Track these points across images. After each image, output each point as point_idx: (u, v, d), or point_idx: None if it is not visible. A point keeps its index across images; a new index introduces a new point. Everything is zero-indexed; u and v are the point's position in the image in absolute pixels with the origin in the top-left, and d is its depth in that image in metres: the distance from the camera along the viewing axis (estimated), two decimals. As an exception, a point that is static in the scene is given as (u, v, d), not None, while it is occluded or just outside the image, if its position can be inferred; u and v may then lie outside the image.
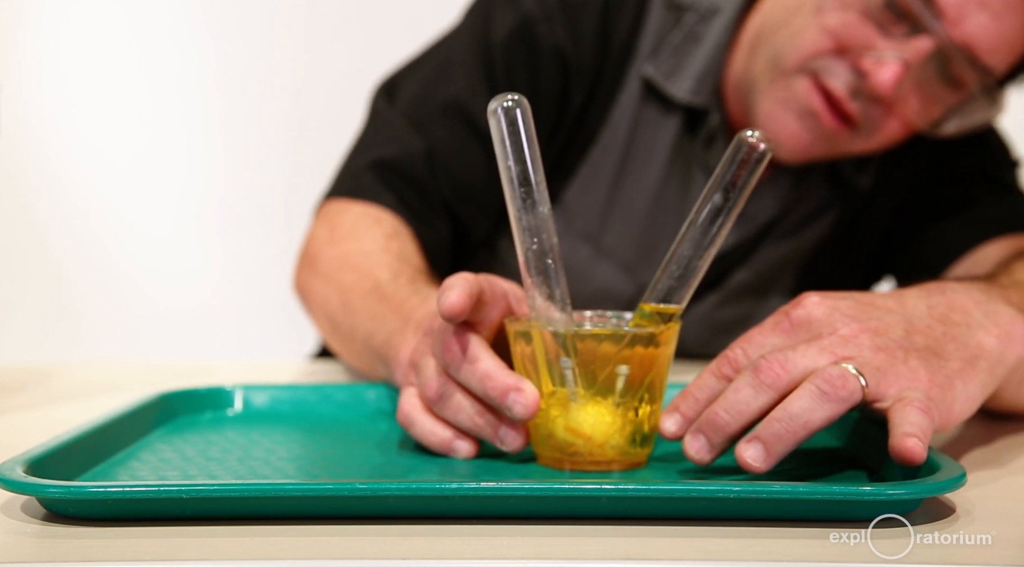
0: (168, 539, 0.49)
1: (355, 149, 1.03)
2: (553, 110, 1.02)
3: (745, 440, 0.56)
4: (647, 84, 1.03)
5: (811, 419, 0.55)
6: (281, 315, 1.05)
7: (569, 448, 0.59)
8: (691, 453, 0.58)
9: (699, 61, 1.03)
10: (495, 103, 0.59)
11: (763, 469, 0.55)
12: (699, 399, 0.60)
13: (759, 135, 0.59)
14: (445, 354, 0.61)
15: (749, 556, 0.47)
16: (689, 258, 0.60)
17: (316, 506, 0.51)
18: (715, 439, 0.58)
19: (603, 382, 0.58)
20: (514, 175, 0.59)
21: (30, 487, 0.51)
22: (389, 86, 1.06)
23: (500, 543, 0.48)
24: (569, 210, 1.05)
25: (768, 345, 0.61)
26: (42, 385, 0.92)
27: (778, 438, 0.55)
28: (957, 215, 1.04)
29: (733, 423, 0.57)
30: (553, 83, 1.02)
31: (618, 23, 1.04)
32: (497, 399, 0.59)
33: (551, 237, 0.59)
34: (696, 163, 1.04)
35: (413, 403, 0.64)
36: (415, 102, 1.02)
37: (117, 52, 2.17)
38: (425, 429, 0.63)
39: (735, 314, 1.09)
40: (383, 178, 0.99)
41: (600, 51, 1.03)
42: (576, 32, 1.02)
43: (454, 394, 0.61)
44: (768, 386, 0.57)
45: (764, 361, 0.58)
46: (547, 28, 1.01)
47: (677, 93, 1.03)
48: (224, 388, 0.76)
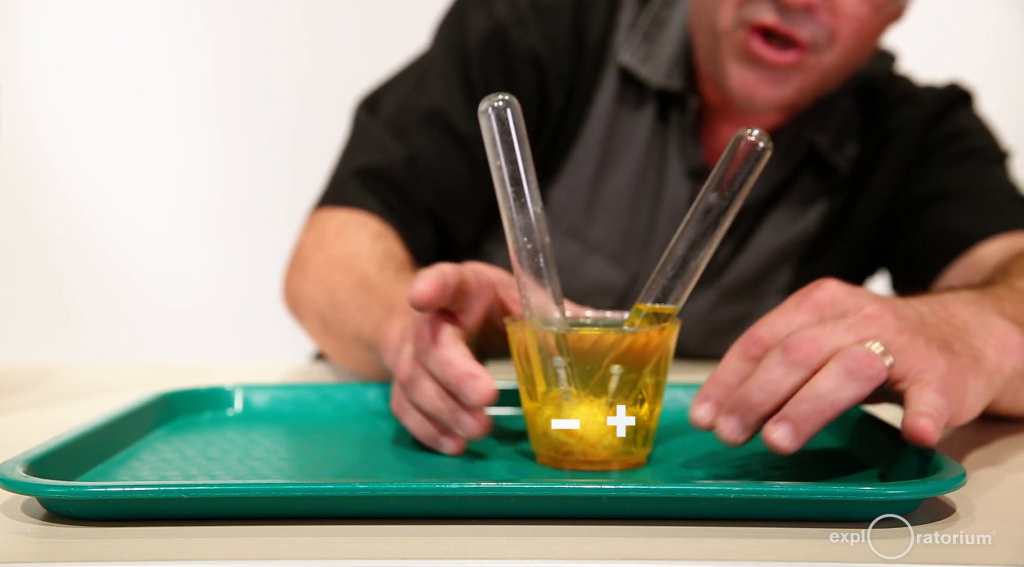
0: (168, 539, 0.49)
1: (340, 160, 1.06)
2: (533, 113, 1.05)
3: (772, 421, 0.55)
4: (624, 73, 1.06)
5: (839, 399, 0.54)
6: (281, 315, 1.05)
7: (562, 447, 0.59)
8: (725, 435, 0.57)
9: (668, 44, 1.06)
10: (485, 103, 0.59)
11: (791, 450, 0.55)
12: (729, 384, 0.59)
13: (758, 133, 0.59)
14: (417, 341, 0.63)
15: (749, 556, 0.47)
16: (685, 257, 0.60)
17: (316, 506, 0.51)
18: (749, 420, 0.57)
19: (597, 382, 0.58)
20: (505, 175, 0.59)
21: (30, 487, 0.51)
22: (371, 100, 1.09)
23: (500, 543, 0.48)
24: (555, 209, 1.08)
25: (794, 324, 0.60)
26: (42, 385, 0.92)
27: (806, 419, 0.54)
28: (953, 211, 1.05)
29: (766, 403, 0.56)
30: (530, 87, 1.04)
31: (591, 23, 1.06)
32: (455, 385, 0.60)
33: (543, 236, 0.59)
34: (672, 148, 1.06)
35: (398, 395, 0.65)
36: (396, 112, 1.05)
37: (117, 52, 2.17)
38: (416, 420, 0.64)
39: (733, 313, 1.09)
40: (367, 185, 1.01)
41: (575, 52, 1.06)
42: (550, 35, 1.05)
43: (421, 379, 0.62)
44: (800, 364, 0.56)
45: (794, 339, 0.57)
46: (520, 33, 1.04)
47: (652, 77, 1.05)
48: (224, 388, 0.76)
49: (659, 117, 1.07)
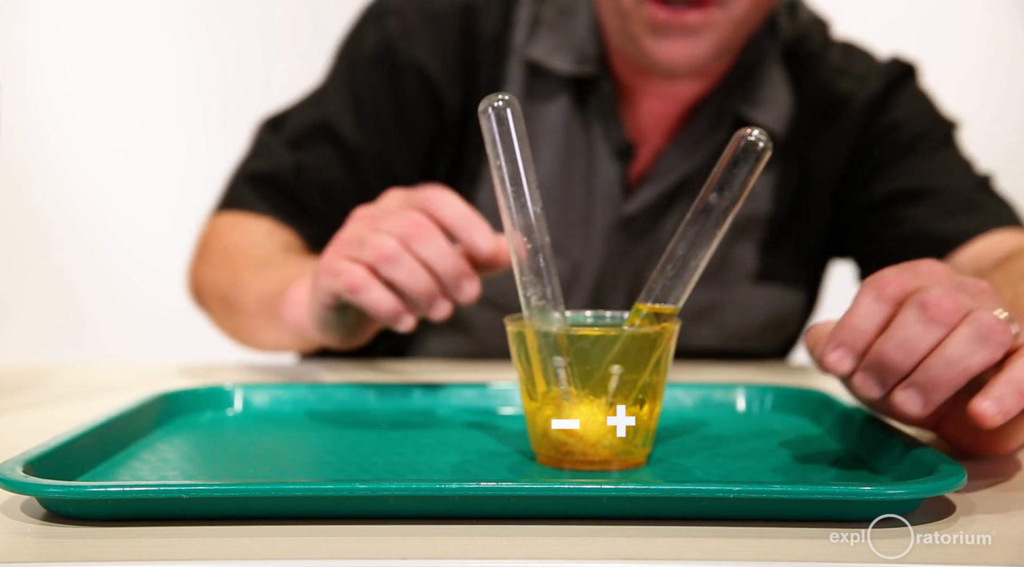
0: (168, 539, 0.49)
1: (234, 170, 1.12)
2: (427, 121, 1.09)
3: (903, 386, 0.55)
4: (531, 68, 1.08)
5: (969, 365, 0.54)
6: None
7: (562, 447, 0.59)
8: (863, 392, 0.57)
9: (576, 32, 1.08)
10: (485, 103, 0.59)
11: (921, 415, 0.54)
12: (866, 329, 0.56)
13: (757, 133, 0.59)
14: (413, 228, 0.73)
15: (749, 556, 0.47)
16: (685, 257, 0.60)
17: (316, 506, 0.51)
18: (886, 379, 0.56)
19: (596, 382, 0.58)
20: (505, 175, 0.59)
21: (30, 487, 0.51)
22: (274, 119, 1.13)
23: (500, 543, 0.48)
24: (485, 211, 1.08)
25: (917, 282, 0.57)
26: (42, 385, 0.92)
27: (936, 385, 0.54)
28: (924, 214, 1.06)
29: (905, 362, 0.55)
30: (419, 98, 1.08)
31: (484, 24, 1.09)
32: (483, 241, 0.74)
33: (543, 236, 0.59)
34: (596, 132, 1.08)
35: (361, 273, 0.73)
36: (291, 127, 1.10)
37: (117, 52, 2.17)
38: (381, 295, 0.71)
39: (701, 302, 1.10)
40: (257, 189, 1.07)
41: (468, 55, 1.09)
42: (437, 43, 1.09)
43: (427, 238, 0.73)
44: (939, 322, 0.54)
45: (931, 296, 0.55)
46: (406, 45, 1.08)
47: (562, 66, 1.07)
48: (224, 388, 0.76)
49: (577, 103, 1.08)
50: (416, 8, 1.10)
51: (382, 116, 1.09)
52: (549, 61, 1.07)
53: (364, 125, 1.08)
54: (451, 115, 1.09)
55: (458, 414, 0.73)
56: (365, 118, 1.08)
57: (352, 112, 1.09)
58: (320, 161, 1.08)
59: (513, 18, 1.10)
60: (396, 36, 1.09)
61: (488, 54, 1.09)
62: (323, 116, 1.09)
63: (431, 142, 1.10)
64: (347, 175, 1.08)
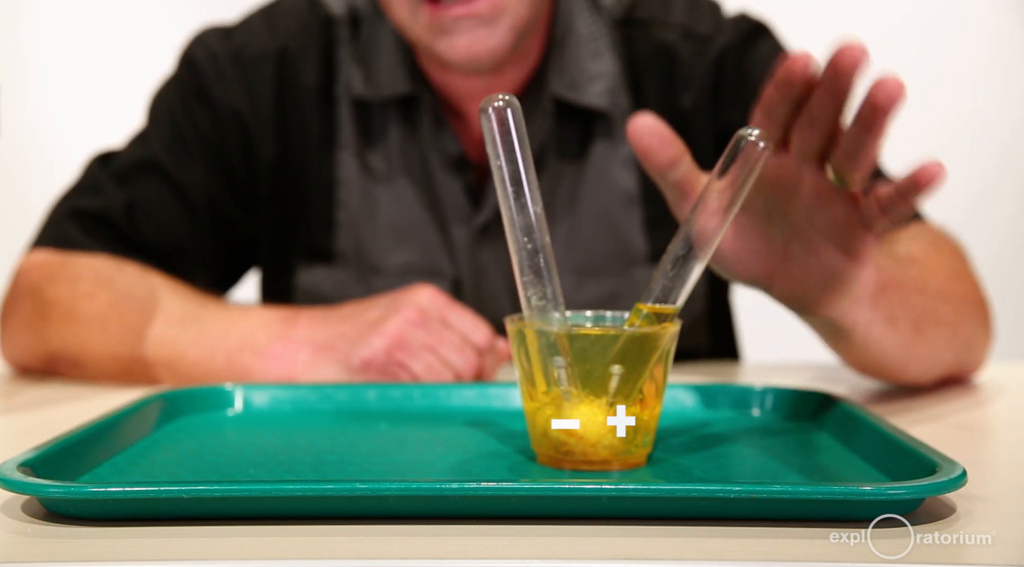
0: (168, 539, 0.49)
1: (56, 202, 1.06)
2: (242, 166, 1.08)
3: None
4: (359, 106, 1.07)
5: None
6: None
7: (563, 447, 0.59)
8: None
9: (386, 56, 1.07)
10: (486, 102, 0.59)
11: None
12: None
13: (757, 133, 0.59)
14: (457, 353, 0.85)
15: (749, 556, 0.47)
16: (686, 257, 0.60)
17: (316, 506, 0.51)
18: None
19: (596, 382, 0.58)
20: (506, 175, 0.59)
21: (30, 487, 0.51)
22: (105, 155, 1.09)
23: (500, 543, 0.48)
24: (347, 256, 1.09)
25: None
26: (42, 385, 0.92)
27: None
28: None
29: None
30: (238, 138, 1.07)
31: (304, 71, 1.08)
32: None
33: (543, 236, 0.59)
34: (429, 149, 1.07)
35: (407, 377, 0.84)
36: (118, 164, 1.07)
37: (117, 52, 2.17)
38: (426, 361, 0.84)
39: (599, 292, 1.08)
40: (85, 227, 1.02)
41: (284, 105, 1.08)
42: (250, 91, 1.08)
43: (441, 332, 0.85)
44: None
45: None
46: (221, 89, 1.07)
47: (382, 92, 1.06)
48: (224, 388, 0.76)
49: (409, 126, 1.07)
50: (230, 53, 1.09)
51: (206, 153, 1.07)
52: (366, 91, 1.06)
53: (189, 162, 1.06)
54: (265, 164, 1.08)
55: (458, 414, 0.73)
56: (190, 156, 1.06)
57: (180, 152, 1.06)
58: (152, 198, 1.05)
59: (334, 62, 1.09)
60: (211, 80, 1.08)
61: (312, 104, 1.08)
62: (149, 154, 1.06)
63: (251, 187, 1.09)
64: (179, 213, 1.05)
